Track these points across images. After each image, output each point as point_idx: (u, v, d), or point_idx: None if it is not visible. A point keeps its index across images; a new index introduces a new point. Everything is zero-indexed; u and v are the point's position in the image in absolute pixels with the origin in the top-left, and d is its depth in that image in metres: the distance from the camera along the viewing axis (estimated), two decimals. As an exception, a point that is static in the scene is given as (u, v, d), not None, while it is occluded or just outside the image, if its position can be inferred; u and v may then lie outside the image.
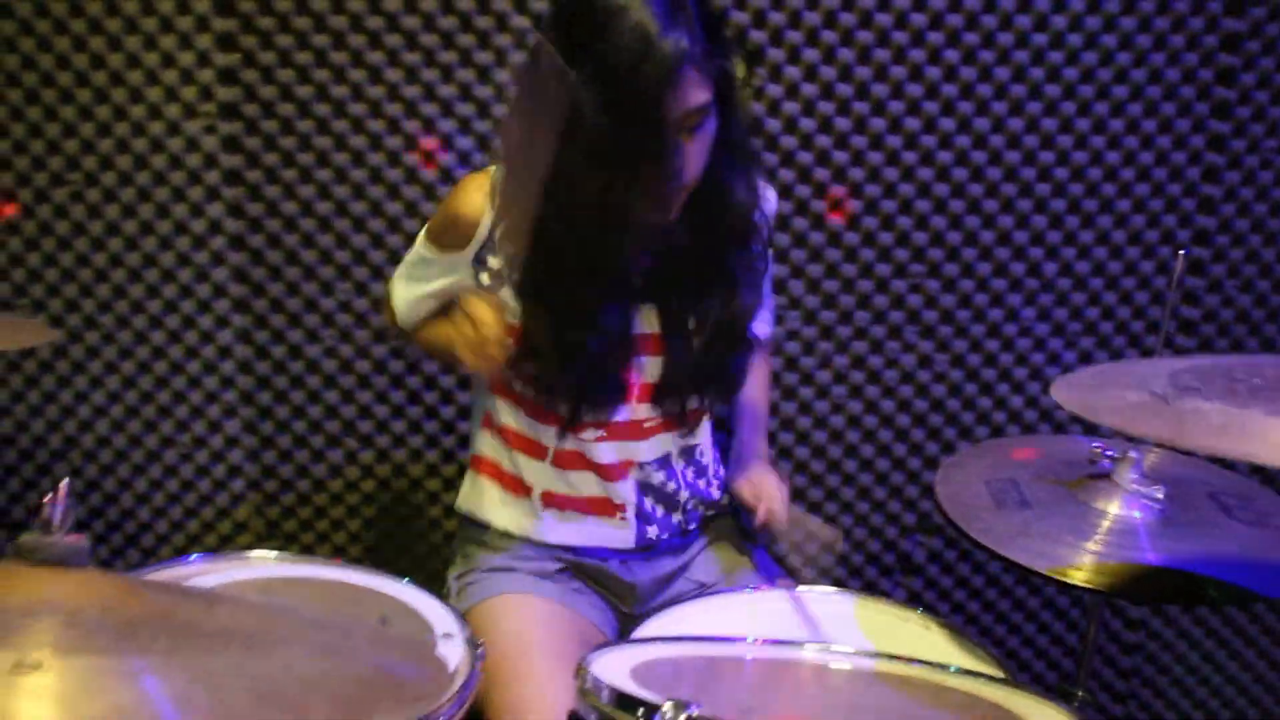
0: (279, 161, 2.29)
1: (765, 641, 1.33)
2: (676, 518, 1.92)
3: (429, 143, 2.27)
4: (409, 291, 1.90)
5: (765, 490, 1.90)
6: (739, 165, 1.73)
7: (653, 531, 1.89)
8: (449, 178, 2.27)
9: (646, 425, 1.85)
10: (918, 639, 1.56)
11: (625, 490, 1.86)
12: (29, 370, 2.37)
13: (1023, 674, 2.57)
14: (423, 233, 1.88)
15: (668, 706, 1.01)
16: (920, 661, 1.24)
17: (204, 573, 1.62)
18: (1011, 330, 2.41)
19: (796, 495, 2.45)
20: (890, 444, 2.46)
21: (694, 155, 1.62)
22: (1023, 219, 2.35)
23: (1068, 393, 1.27)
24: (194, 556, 1.82)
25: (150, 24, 2.22)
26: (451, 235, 1.80)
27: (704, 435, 1.95)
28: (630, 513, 1.87)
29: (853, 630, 1.58)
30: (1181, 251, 1.73)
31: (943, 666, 1.23)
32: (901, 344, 2.41)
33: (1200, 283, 2.39)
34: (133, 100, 2.26)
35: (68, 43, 2.23)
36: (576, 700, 1.20)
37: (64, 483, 1.13)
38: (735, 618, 1.67)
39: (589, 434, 1.82)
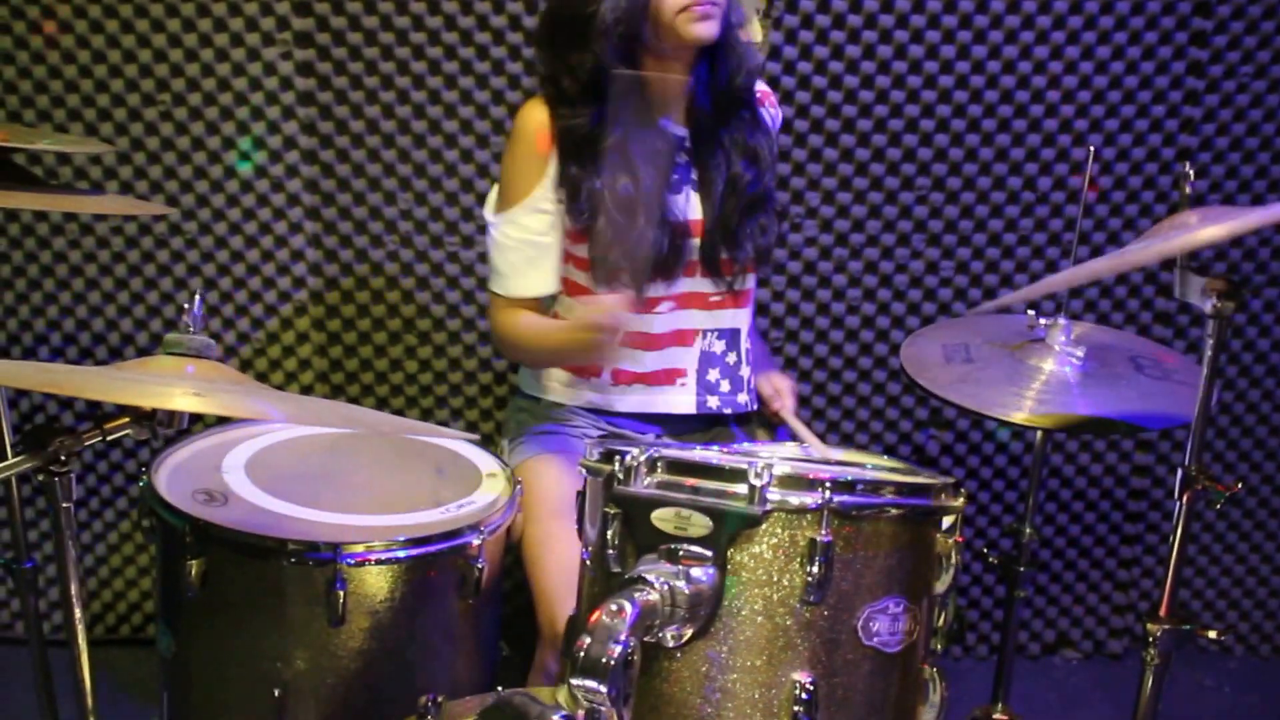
0: (348, 84, 2.86)
1: (725, 448, 1.90)
2: (742, 398, 2.45)
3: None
4: (531, 263, 2.33)
5: (781, 386, 2.52)
6: (738, 39, 2.28)
7: (713, 402, 2.43)
8: (501, 100, 2.84)
9: (711, 299, 2.39)
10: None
11: (687, 358, 2.40)
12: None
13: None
14: (494, 210, 2.35)
15: (635, 450, 1.55)
16: (849, 463, 1.80)
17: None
18: (1010, 240, 2.96)
19: (817, 389, 3.05)
20: (888, 330, 3.04)
21: None
22: (1019, 137, 2.91)
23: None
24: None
25: (235, -40, 2.81)
26: (534, 162, 2.29)
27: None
28: (690, 379, 2.41)
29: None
30: (1091, 147, 2.25)
31: (861, 465, 1.79)
32: (911, 251, 2.97)
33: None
34: (217, 30, 2.84)
35: (162, -21, 2.83)
36: (579, 472, 1.71)
37: (197, 295, 1.69)
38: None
39: (662, 306, 2.36)
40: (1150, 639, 1.74)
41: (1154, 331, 3.01)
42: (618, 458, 1.52)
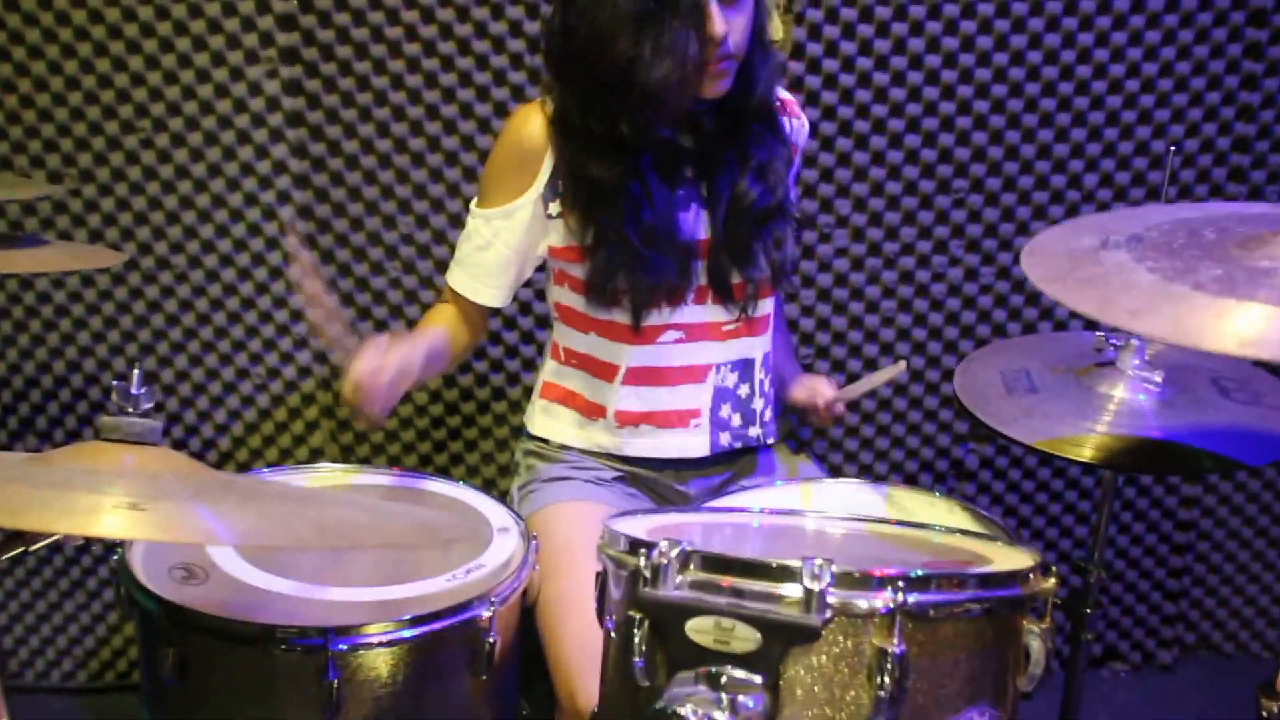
0: (339, 102, 2.61)
1: (769, 510, 1.63)
2: (753, 431, 2.19)
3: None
4: (486, 268, 2.11)
5: (818, 388, 2.27)
6: (762, 49, 2.01)
7: (725, 439, 2.17)
8: (503, 112, 2.59)
9: (725, 329, 2.13)
10: (941, 516, 1.85)
11: (699, 396, 2.13)
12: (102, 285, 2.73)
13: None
14: (475, 204, 2.12)
15: (664, 543, 1.28)
16: (906, 523, 1.53)
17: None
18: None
19: (850, 407, 2.78)
20: (940, 355, 2.78)
21: (735, 26, 1.89)
22: (1063, 132, 2.64)
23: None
24: (265, 469, 2.21)
25: (213, -26, 2.55)
26: (517, 173, 2.06)
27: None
28: (704, 419, 2.14)
29: (879, 510, 1.87)
30: (1171, 147, 1.97)
31: (927, 526, 1.52)
32: (949, 258, 2.71)
33: (1241, 189, 2.65)
34: (196, 49, 2.59)
35: (135, -4, 2.57)
36: (599, 556, 1.47)
37: (136, 370, 1.41)
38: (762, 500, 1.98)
39: (669, 336, 2.09)
40: (1266, 715, 1.48)
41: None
42: (643, 551, 1.25)
